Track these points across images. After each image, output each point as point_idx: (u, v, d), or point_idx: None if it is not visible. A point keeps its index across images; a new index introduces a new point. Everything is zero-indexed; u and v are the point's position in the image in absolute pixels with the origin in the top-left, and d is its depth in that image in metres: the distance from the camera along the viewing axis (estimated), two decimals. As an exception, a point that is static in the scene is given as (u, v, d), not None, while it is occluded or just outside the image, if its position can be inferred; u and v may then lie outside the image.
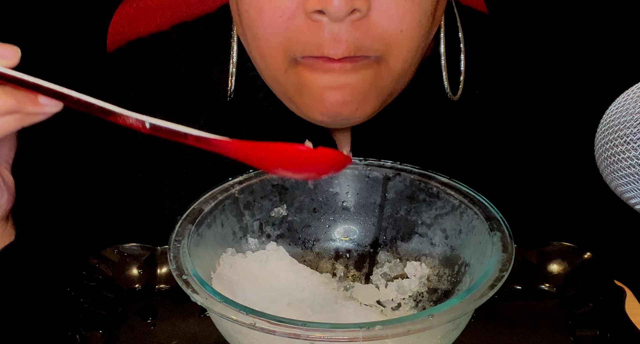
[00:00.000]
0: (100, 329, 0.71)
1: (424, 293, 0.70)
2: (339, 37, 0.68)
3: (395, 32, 0.70)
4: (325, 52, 0.69)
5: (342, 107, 0.72)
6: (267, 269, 0.69)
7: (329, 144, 0.84)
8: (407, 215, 0.72)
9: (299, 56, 0.71)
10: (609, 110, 0.60)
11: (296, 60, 0.71)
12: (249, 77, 0.83)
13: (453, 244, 0.70)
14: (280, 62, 0.72)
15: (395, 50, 0.71)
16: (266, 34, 0.71)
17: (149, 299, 0.75)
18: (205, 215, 0.67)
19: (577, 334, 0.70)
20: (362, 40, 0.69)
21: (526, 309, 0.73)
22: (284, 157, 0.59)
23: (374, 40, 0.69)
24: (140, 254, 0.77)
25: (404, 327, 0.54)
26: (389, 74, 0.73)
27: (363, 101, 0.73)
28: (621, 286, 0.72)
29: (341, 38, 0.68)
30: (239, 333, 0.60)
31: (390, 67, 0.72)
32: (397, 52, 0.71)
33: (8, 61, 0.59)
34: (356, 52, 0.69)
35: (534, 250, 0.76)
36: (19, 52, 0.59)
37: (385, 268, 0.73)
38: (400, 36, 0.70)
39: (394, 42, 0.70)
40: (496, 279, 0.59)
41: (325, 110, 0.73)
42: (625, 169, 0.57)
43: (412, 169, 0.72)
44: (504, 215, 0.66)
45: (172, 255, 0.62)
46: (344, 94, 0.71)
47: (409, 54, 0.72)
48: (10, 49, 0.59)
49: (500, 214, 0.66)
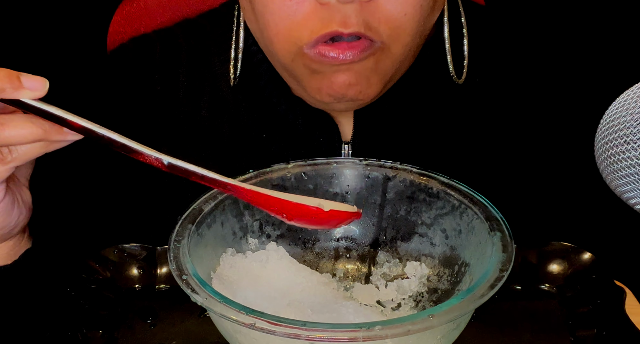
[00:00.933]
0: (100, 329, 0.71)
1: (424, 293, 0.70)
2: (348, 17, 0.70)
3: (399, 15, 0.72)
4: (334, 27, 0.70)
5: (348, 88, 0.74)
6: (267, 269, 0.69)
7: (331, 128, 0.84)
8: (407, 215, 0.72)
9: (305, 42, 0.72)
10: (609, 110, 0.60)
11: (303, 52, 0.73)
12: (253, 62, 0.84)
13: (453, 244, 0.70)
14: (288, 48, 0.74)
15: (398, 34, 0.73)
16: (275, 18, 0.73)
17: (149, 299, 0.75)
18: (205, 215, 0.67)
19: (577, 334, 0.70)
20: (370, 21, 0.71)
21: (526, 309, 0.73)
22: (297, 214, 0.62)
23: (380, 22, 0.71)
24: (140, 254, 0.77)
25: (404, 327, 0.54)
26: (390, 60, 0.75)
27: (366, 84, 0.75)
28: (621, 286, 0.72)
29: (350, 17, 0.70)
30: (239, 333, 0.60)
31: (392, 53, 0.74)
32: (399, 36, 0.73)
33: (36, 93, 0.60)
34: (366, 30, 0.71)
35: (534, 250, 0.76)
36: (47, 84, 0.61)
37: (385, 268, 0.73)
38: (404, 20, 0.72)
39: (398, 26, 0.72)
40: (496, 279, 0.59)
41: (333, 92, 0.75)
42: (625, 169, 0.57)
43: (412, 169, 0.72)
44: (504, 215, 0.66)
45: (172, 255, 0.62)
46: (349, 76, 0.73)
47: (410, 38, 0.74)
48: (39, 81, 0.61)
49: (500, 214, 0.66)
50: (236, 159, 0.87)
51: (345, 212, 0.63)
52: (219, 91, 0.87)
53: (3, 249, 0.72)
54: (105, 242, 0.77)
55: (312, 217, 0.63)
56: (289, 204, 0.62)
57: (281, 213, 0.63)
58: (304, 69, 0.75)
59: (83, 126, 0.60)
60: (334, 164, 0.73)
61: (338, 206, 0.64)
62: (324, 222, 0.63)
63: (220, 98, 0.87)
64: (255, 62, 0.84)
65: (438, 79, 0.84)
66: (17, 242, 0.73)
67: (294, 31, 0.72)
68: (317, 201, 0.63)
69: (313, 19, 0.71)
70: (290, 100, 0.84)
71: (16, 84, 0.60)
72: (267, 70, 0.84)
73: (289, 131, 0.85)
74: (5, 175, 0.64)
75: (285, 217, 0.63)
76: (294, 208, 0.62)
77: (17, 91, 0.60)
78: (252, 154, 0.87)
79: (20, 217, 0.70)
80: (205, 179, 0.62)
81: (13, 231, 0.71)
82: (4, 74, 0.60)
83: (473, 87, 0.86)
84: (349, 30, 0.70)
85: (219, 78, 0.87)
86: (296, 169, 0.72)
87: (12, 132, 0.61)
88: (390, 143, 0.85)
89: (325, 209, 0.62)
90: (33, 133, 0.61)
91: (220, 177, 0.62)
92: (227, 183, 0.62)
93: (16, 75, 0.60)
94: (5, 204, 0.67)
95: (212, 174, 0.62)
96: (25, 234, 0.74)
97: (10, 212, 0.69)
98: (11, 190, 0.68)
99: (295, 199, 0.63)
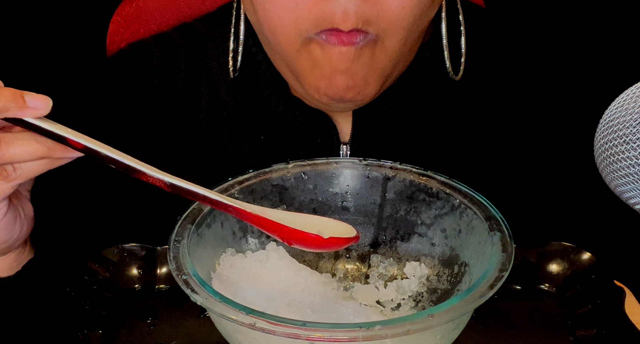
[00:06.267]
0: (100, 329, 0.71)
1: (423, 293, 0.70)
2: (349, 10, 0.70)
3: (398, 8, 0.72)
4: (336, 24, 0.71)
5: (346, 91, 0.74)
6: (267, 269, 0.69)
7: (330, 128, 0.84)
8: (407, 215, 0.72)
9: (311, 33, 0.72)
10: (608, 110, 0.60)
11: (309, 38, 0.73)
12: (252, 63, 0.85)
13: (453, 244, 0.70)
14: (292, 40, 0.74)
15: (394, 27, 0.73)
16: (278, 11, 0.73)
17: (149, 299, 0.75)
18: (205, 215, 0.67)
19: (577, 334, 0.70)
20: (369, 13, 0.71)
21: (526, 309, 0.73)
22: (297, 239, 0.64)
23: (379, 15, 0.71)
24: (140, 254, 0.77)
25: (403, 327, 0.54)
26: (385, 55, 0.74)
27: (364, 85, 0.75)
28: (621, 286, 0.72)
29: (350, 10, 0.70)
30: (239, 333, 0.60)
31: (386, 47, 0.74)
32: (394, 30, 0.73)
33: (39, 112, 0.61)
34: (363, 25, 0.71)
35: (534, 250, 0.76)
36: (50, 103, 0.61)
37: (384, 268, 0.73)
38: (402, 13, 0.72)
39: (395, 19, 0.72)
40: (496, 279, 0.59)
41: (332, 93, 0.75)
42: (625, 169, 0.57)
43: (411, 169, 0.72)
44: (504, 215, 0.66)
45: (172, 255, 0.62)
46: (347, 79, 0.74)
47: (405, 32, 0.74)
48: (42, 100, 0.61)
49: (500, 214, 0.66)
50: (235, 160, 0.87)
51: (344, 238, 0.65)
52: (217, 93, 0.87)
53: (5, 261, 0.72)
54: (106, 243, 0.77)
55: (311, 243, 0.65)
56: (290, 230, 0.64)
57: (282, 237, 0.64)
58: (306, 61, 0.75)
59: (85, 146, 0.61)
60: (333, 164, 0.73)
61: (337, 230, 0.66)
62: (324, 247, 0.65)
63: (219, 100, 0.87)
64: (254, 62, 0.84)
65: (436, 79, 0.84)
66: (19, 254, 0.73)
67: (298, 24, 0.72)
68: (317, 228, 0.64)
69: (315, 12, 0.71)
70: (289, 100, 0.84)
71: (20, 103, 0.60)
72: (266, 70, 0.84)
73: (287, 132, 0.85)
74: (9, 192, 0.65)
75: (286, 241, 0.64)
76: (294, 234, 0.64)
77: (21, 110, 0.60)
78: (250, 156, 0.87)
79: (22, 231, 0.71)
80: (207, 200, 0.63)
81: (15, 244, 0.71)
82: (8, 93, 0.60)
83: (472, 87, 0.86)
84: (349, 27, 0.70)
85: (216, 80, 0.87)
86: (296, 169, 0.72)
87: (17, 150, 0.62)
88: (389, 144, 0.85)
89: (324, 236, 0.64)
90: (37, 151, 0.62)
91: (222, 199, 0.63)
92: (229, 205, 0.63)
93: (20, 95, 0.60)
94: (8, 219, 0.68)
95: (214, 195, 0.63)
96: (27, 245, 0.74)
97: (12, 227, 0.69)
98: (13, 204, 0.68)
99: (296, 224, 0.64)
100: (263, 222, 0.64)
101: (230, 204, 0.63)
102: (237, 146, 0.87)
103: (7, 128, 0.63)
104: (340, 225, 0.67)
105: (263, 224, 0.64)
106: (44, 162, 0.63)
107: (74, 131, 0.61)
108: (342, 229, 0.66)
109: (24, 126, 0.61)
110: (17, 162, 0.63)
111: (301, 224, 0.64)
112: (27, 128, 0.61)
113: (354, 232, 0.66)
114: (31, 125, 0.61)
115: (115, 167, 0.62)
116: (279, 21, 0.73)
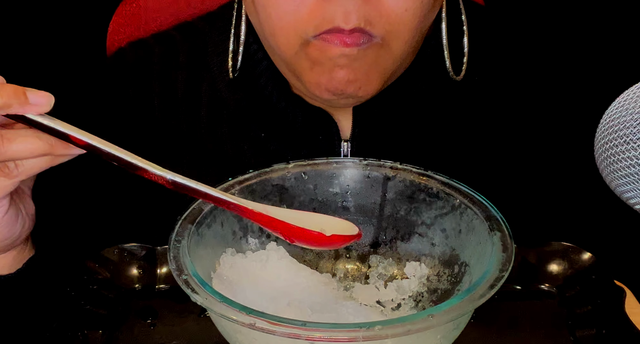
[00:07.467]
0: (100, 329, 0.71)
1: (424, 293, 0.70)
2: (350, 11, 0.70)
3: (400, 10, 0.72)
4: (337, 23, 0.71)
5: (347, 85, 0.74)
6: (267, 269, 0.69)
7: (330, 126, 0.84)
8: (407, 215, 0.72)
9: (310, 36, 0.72)
10: (609, 110, 0.60)
11: (308, 41, 0.73)
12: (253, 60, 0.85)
13: (453, 244, 0.70)
14: (291, 42, 0.74)
15: (398, 30, 0.73)
16: (279, 12, 0.73)
17: (149, 299, 0.75)
18: (205, 215, 0.67)
19: (577, 334, 0.70)
20: (371, 15, 0.71)
21: (526, 309, 0.73)
22: (299, 237, 0.64)
23: (382, 17, 0.71)
24: (140, 254, 0.77)
25: (404, 327, 0.54)
26: (390, 56, 0.75)
27: (366, 80, 0.75)
28: (621, 286, 0.72)
29: (352, 11, 0.70)
30: (239, 333, 0.60)
31: (391, 50, 0.74)
32: (399, 33, 0.73)
33: (41, 108, 0.61)
34: (365, 25, 0.71)
35: (534, 250, 0.76)
36: (52, 99, 0.61)
37: (385, 268, 0.73)
38: (405, 15, 0.72)
39: (398, 21, 0.72)
40: (496, 279, 0.59)
41: (332, 87, 0.75)
42: (625, 169, 0.57)
43: (412, 169, 0.72)
44: (504, 215, 0.66)
45: (172, 255, 0.62)
46: (348, 73, 0.73)
47: (410, 34, 0.74)
48: (44, 97, 0.61)
49: (500, 214, 0.66)
50: (235, 158, 0.87)
51: (347, 236, 0.65)
52: (218, 91, 0.87)
53: (6, 259, 0.72)
54: (106, 243, 0.77)
55: (314, 241, 0.64)
56: (292, 227, 0.64)
57: (284, 234, 0.64)
58: (305, 61, 0.75)
59: (87, 143, 0.61)
60: (334, 164, 0.73)
61: (340, 228, 0.65)
62: (326, 245, 0.65)
63: (219, 99, 0.87)
64: (255, 60, 0.85)
65: (437, 77, 0.84)
66: (20, 251, 0.73)
67: (298, 25, 0.72)
68: (320, 226, 0.64)
69: (316, 14, 0.71)
70: (290, 98, 0.84)
71: (22, 100, 0.60)
72: (267, 68, 0.84)
73: (288, 130, 0.85)
74: (11, 189, 0.65)
75: (288, 238, 0.64)
76: (297, 232, 0.64)
77: (23, 106, 0.60)
78: (251, 154, 0.87)
79: (24, 228, 0.70)
80: (208, 197, 0.63)
81: (16, 241, 0.71)
82: (11, 89, 0.60)
83: (473, 86, 0.86)
84: (350, 26, 0.70)
85: (217, 79, 0.87)
86: (296, 168, 0.72)
87: (19, 147, 0.61)
88: (389, 141, 0.85)
89: (326, 234, 0.64)
90: (39, 148, 0.62)
91: (224, 196, 0.63)
92: (231, 202, 0.63)
93: (22, 91, 0.60)
94: (9, 216, 0.68)
95: (216, 192, 0.63)
96: (28, 243, 0.74)
97: (14, 224, 0.69)
98: (15, 202, 0.68)
99: (298, 221, 0.64)
100: (265, 219, 0.64)
101: (232, 202, 0.63)
102: (238, 143, 0.87)
103: (9, 125, 0.63)
104: (342, 223, 0.67)
105: (265, 222, 0.64)
106: (45, 159, 0.63)
107: (76, 128, 0.61)
108: (344, 227, 0.66)
109: (25, 123, 0.61)
110: (19, 159, 0.63)
111: (303, 222, 0.64)
112: (29, 125, 0.61)
113: (356, 230, 0.66)
114: (33, 122, 0.61)
115: (118, 164, 0.61)
116: (280, 23, 0.73)
